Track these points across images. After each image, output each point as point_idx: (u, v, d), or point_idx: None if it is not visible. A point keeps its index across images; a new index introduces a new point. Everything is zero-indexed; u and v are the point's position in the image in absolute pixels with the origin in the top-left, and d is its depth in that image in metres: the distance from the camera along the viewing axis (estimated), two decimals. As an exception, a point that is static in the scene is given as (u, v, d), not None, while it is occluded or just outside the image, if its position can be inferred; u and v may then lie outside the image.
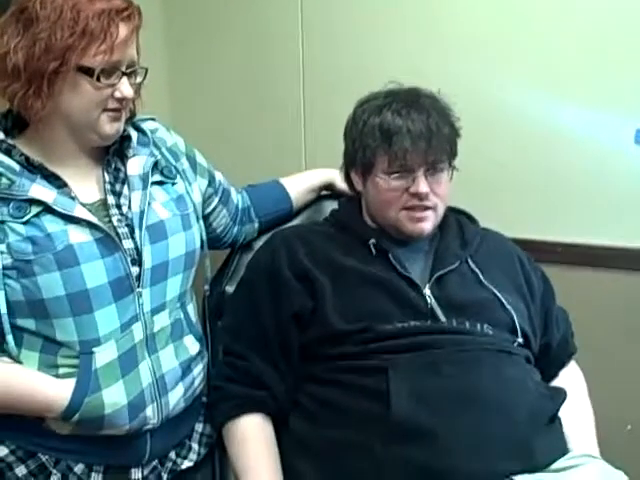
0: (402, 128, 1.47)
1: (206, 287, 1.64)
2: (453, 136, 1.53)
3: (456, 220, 1.64)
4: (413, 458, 1.29)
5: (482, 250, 1.58)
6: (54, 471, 1.36)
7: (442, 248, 1.56)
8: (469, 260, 1.54)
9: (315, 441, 1.41)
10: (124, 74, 1.34)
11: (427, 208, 1.51)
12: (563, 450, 1.39)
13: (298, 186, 1.79)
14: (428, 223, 1.52)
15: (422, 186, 1.48)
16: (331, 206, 1.75)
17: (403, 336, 1.42)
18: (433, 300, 1.47)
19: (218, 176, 1.66)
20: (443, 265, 1.52)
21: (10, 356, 1.34)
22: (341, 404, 1.39)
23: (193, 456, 1.52)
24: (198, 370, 1.51)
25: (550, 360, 1.59)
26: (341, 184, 1.73)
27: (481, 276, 1.52)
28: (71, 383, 1.32)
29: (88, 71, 1.29)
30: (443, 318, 1.45)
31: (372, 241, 1.53)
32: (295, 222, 1.78)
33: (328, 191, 1.83)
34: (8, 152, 1.34)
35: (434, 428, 1.30)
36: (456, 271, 1.52)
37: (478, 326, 1.46)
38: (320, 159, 1.95)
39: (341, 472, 1.35)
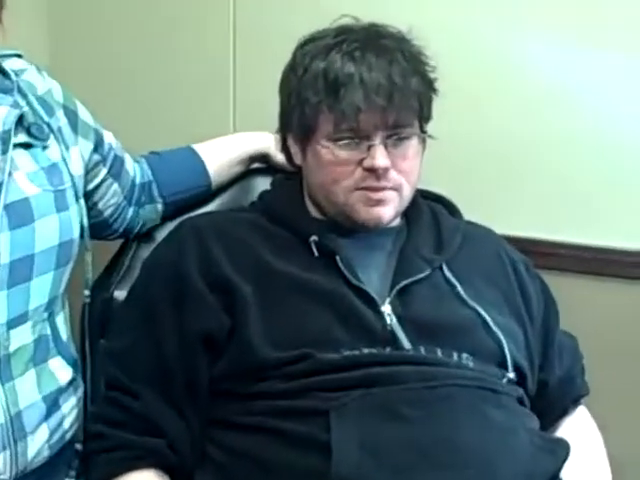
0: (354, 77, 1.46)
1: (86, 292, 1.63)
2: (426, 91, 1.53)
3: (430, 210, 1.65)
4: None
5: (463, 252, 1.60)
6: None
7: (409, 249, 1.57)
8: (444, 267, 1.56)
9: (229, 507, 1.40)
10: None
11: (386, 189, 1.51)
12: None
13: (219, 156, 1.79)
14: (388, 208, 1.52)
15: (380, 158, 1.47)
16: (264, 185, 1.76)
17: (352, 368, 1.41)
18: (394, 320, 1.46)
19: (108, 138, 1.66)
20: (409, 272, 1.52)
21: None
22: (265, 458, 1.38)
23: (59, 521, 1.52)
24: (69, 406, 1.50)
25: (549, 404, 1.61)
26: (279, 155, 1.73)
27: (460, 288, 1.53)
28: None
29: None
30: (407, 344, 1.45)
31: (313, 238, 1.53)
32: (212, 205, 1.79)
33: (261, 164, 1.85)
34: None
35: None
36: (427, 281, 1.53)
37: (454, 355, 1.47)
38: (253, 121, 1.93)
39: None
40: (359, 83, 1.45)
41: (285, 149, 1.64)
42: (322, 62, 1.50)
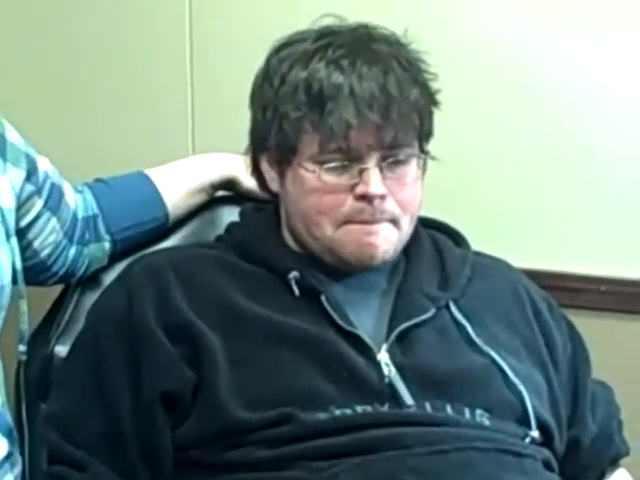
0: (342, 88, 1.43)
1: (21, 347, 1.59)
2: (426, 104, 1.51)
3: (432, 241, 1.64)
4: None
5: (473, 288, 1.59)
6: None
7: (409, 286, 1.55)
8: (452, 306, 1.54)
9: None
10: None
11: (383, 220, 1.48)
12: None
13: (177, 182, 1.77)
14: (384, 244, 1.49)
15: (374, 184, 1.45)
16: (231, 216, 1.76)
17: (344, 431, 1.38)
18: (393, 371, 1.43)
19: (43, 165, 1.64)
20: (410, 313, 1.50)
21: None
22: None
23: None
24: None
25: (582, 467, 1.58)
26: (247, 180, 1.73)
27: (471, 330, 1.51)
28: None
29: None
30: (409, 400, 1.42)
31: (294, 274, 1.51)
32: (171, 241, 1.79)
33: (226, 191, 1.84)
34: None
35: None
36: (431, 323, 1.51)
37: (467, 412, 1.44)
38: (215, 139, 1.94)
39: None
40: (349, 95, 1.43)
41: (257, 173, 1.61)
42: (303, 71, 1.47)
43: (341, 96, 1.43)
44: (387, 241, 1.49)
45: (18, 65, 2.25)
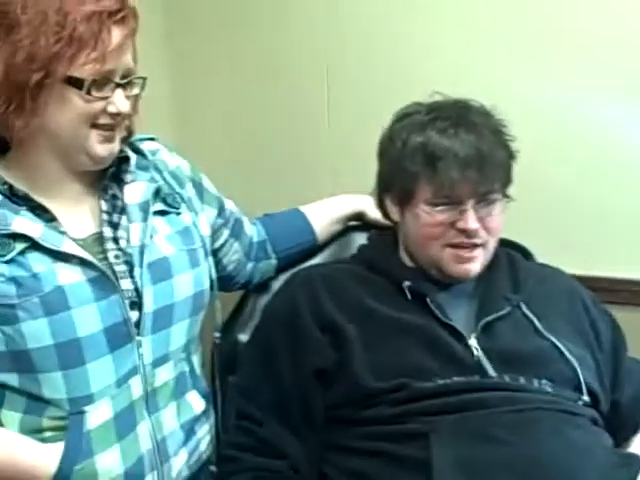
0: (449, 152, 1.47)
1: (217, 335, 1.67)
2: (508, 161, 1.55)
3: (507, 256, 1.66)
4: None
5: (538, 292, 1.60)
6: None
7: (490, 291, 1.58)
8: (522, 305, 1.56)
9: (347, 521, 1.43)
10: (118, 85, 1.38)
11: (476, 246, 1.53)
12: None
13: (322, 216, 1.82)
14: (476, 264, 1.55)
15: (471, 221, 1.50)
16: (360, 239, 1.79)
17: (446, 395, 1.43)
18: (480, 352, 1.48)
19: (229, 205, 1.71)
20: (491, 311, 1.54)
21: (-12, 418, 1.38)
22: (374, 477, 1.41)
23: (199, 533, 1.55)
24: (203, 432, 1.55)
25: (621, 423, 1.58)
26: (373, 213, 1.77)
27: (537, 323, 1.54)
28: (59, 448, 1.35)
29: (77, 82, 1.33)
30: (493, 373, 1.46)
31: (407, 283, 1.55)
32: (318, 259, 1.82)
33: (357, 221, 1.87)
34: None
35: None
36: (507, 317, 1.54)
37: (535, 382, 1.48)
38: (350, 183, 1.96)
39: None
40: (453, 158, 1.47)
41: (382, 207, 1.64)
42: (419, 137, 1.51)
43: (447, 158, 1.47)
44: (479, 262, 1.54)
45: (218, 140, 2.28)
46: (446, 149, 1.48)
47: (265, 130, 2.25)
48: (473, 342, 1.50)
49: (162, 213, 1.51)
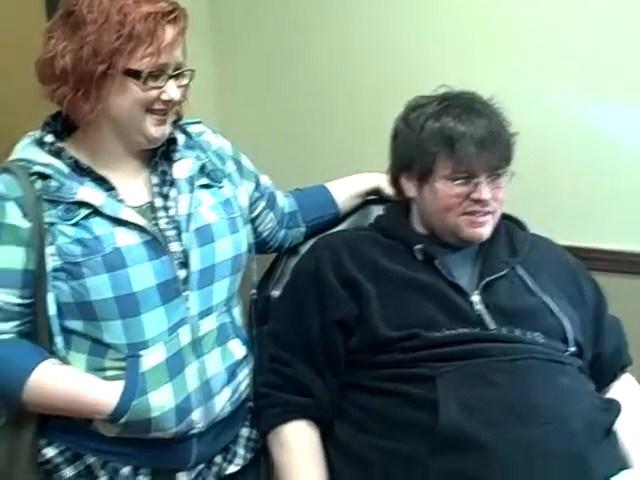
0: (465, 134, 1.45)
1: (253, 291, 1.64)
2: (511, 141, 1.52)
3: (505, 227, 1.62)
4: (464, 471, 1.27)
5: (532, 257, 1.56)
6: (101, 473, 1.37)
7: (491, 255, 1.54)
8: (518, 267, 1.52)
9: (361, 449, 1.39)
10: (171, 76, 1.35)
11: (487, 213, 1.49)
12: (621, 466, 1.35)
13: (345, 191, 1.77)
14: (487, 228, 1.51)
15: (485, 192, 1.46)
16: (377, 211, 1.74)
17: (451, 344, 1.40)
18: (482, 307, 1.45)
19: (264, 180, 1.66)
20: (492, 271, 1.50)
21: (59, 358, 1.36)
22: (388, 413, 1.38)
23: (239, 461, 1.51)
24: (244, 374, 1.50)
25: (602, 371, 1.55)
26: (388, 189, 1.71)
27: (530, 283, 1.50)
28: (119, 386, 1.33)
29: (135, 74, 1.31)
30: (492, 325, 1.43)
31: (418, 247, 1.51)
32: (341, 227, 1.77)
33: (375, 196, 1.82)
34: (57, 154, 1.36)
35: (486, 440, 1.27)
36: (505, 278, 1.50)
37: (528, 334, 1.44)
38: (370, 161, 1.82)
39: None
40: (470, 138, 1.45)
41: (396, 185, 1.61)
42: (436, 122, 1.48)
43: (465, 138, 1.44)
44: (489, 226, 1.51)
45: (257, 124, 2.21)
46: (462, 132, 1.46)
47: (296, 121, 2.20)
48: (475, 298, 1.46)
49: (206, 187, 1.47)
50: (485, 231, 1.50)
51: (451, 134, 1.46)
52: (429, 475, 1.28)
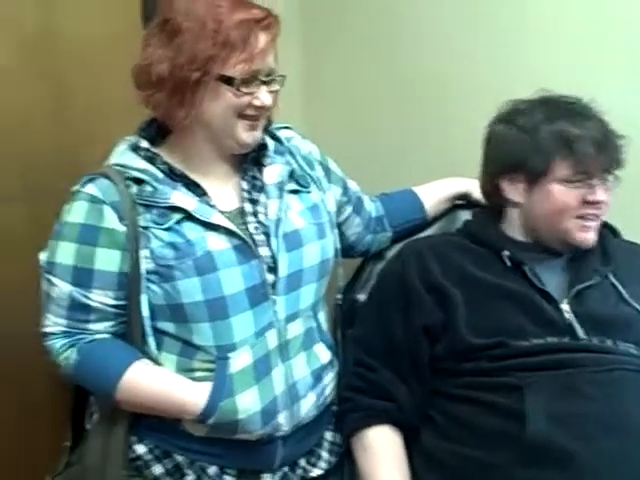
0: (582, 135, 1.43)
1: (339, 296, 1.63)
2: (622, 144, 1.49)
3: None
4: None
5: (625, 265, 1.51)
6: (189, 472, 1.40)
7: (582, 263, 1.50)
8: (610, 276, 1.48)
9: (446, 457, 1.38)
10: (263, 83, 1.37)
11: (597, 217, 1.47)
12: None
13: (432, 196, 1.75)
14: (594, 233, 1.48)
15: (600, 193, 1.44)
16: (465, 216, 1.72)
17: (539, 353, 1.37)
18: (572, 316, 1.41)
19: (351, 185, 1.65)
20: (582, 279, 1.46)
21: (150, 358, 1.39)
22: (474, 422, 1.37)
23: (323, 464, 1.51)
24: (329, 379, 1.50)
25: None
26: (477, 194, 1.68)
27: (623, 292, 1.46)
28: (207, 387, 1.35)
29: (229, 80, 1.33)
30: (582, 335, 1.39)
31: (506, 253, 1.48)
32: (428, 232, 1.75)
33: (463, 200, 1.79)
34: (152, 160, 1.39)
35: (575, 452, 1.25)
36: (596, 286, 1.46)
37: (620, 345, 1.40)
38: (460, 166, 1.80)
39: None
40: (588, 139, 1.43)
41: (493, 188, 1.56)
42: (550, 125, 1.46)
43: (583, 139, 1.42)
44: (596, 232, 1.48)
45: (343, 131, 2.18)
46: (579, 133, 1.44)
47: (383, 127, 2.14)
48: (565, 307, 1.42)
49: (295, 192, 1.48)
50: (592, 237, 1.47)
51: (568, 136, 1.44)
52: None
